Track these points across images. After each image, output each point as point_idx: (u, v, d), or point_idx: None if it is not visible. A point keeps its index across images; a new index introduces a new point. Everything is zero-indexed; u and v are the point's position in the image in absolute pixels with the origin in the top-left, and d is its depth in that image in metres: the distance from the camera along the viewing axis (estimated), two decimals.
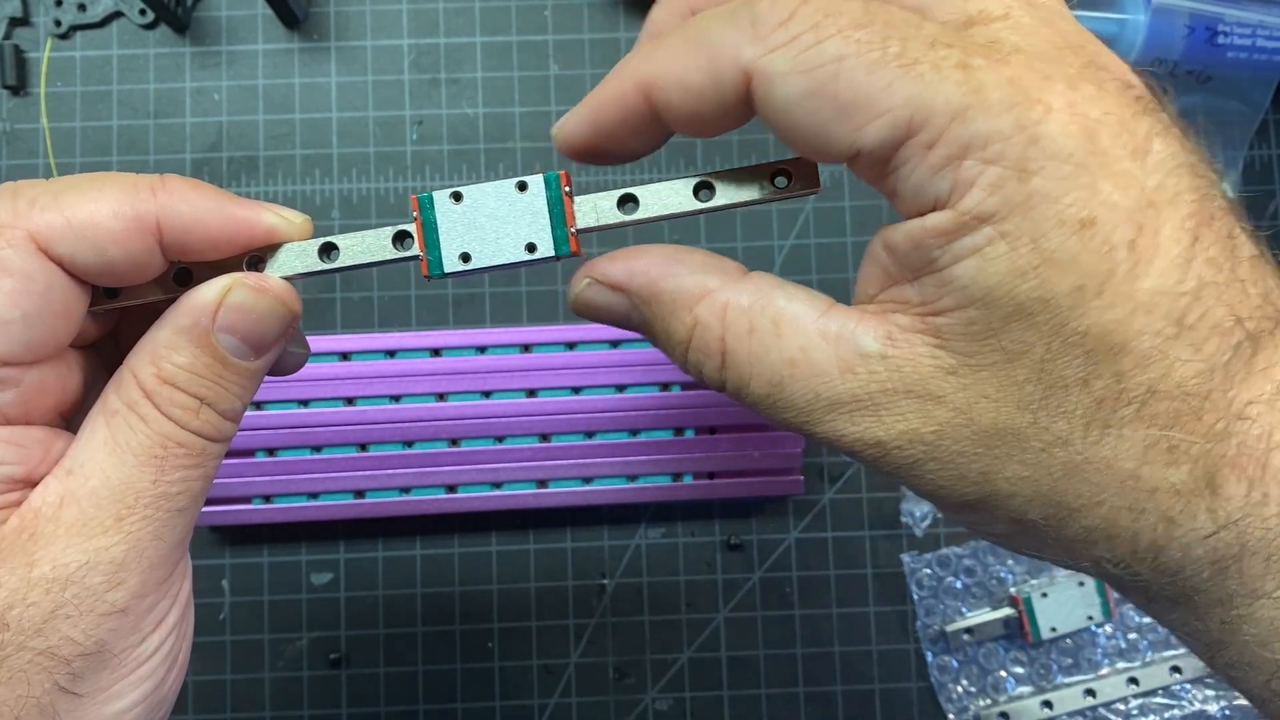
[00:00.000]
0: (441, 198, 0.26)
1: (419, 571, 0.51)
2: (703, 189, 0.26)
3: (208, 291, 0.25)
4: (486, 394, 0.49)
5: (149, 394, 0.24)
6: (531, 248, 0.26)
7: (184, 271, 0.27)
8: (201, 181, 0.26)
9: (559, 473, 0.50)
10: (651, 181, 0.26)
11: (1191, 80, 0.53)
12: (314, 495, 0.49)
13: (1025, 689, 0.51)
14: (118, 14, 0.53)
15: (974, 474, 0.22)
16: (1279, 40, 0.51)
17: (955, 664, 0.51)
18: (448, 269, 0.26)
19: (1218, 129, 0.54)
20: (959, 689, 0.51)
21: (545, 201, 0.26)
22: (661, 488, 0.50)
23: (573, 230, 0.26)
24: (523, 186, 0.26)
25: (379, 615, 0.51)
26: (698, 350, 0.24)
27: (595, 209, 0.26)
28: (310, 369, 0.49)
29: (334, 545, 0.51)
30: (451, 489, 0.49)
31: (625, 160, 0.27)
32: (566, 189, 0.26)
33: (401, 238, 0.26)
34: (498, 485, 0.50)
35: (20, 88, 0.53)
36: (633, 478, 0.50)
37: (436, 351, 0.50)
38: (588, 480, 0.50)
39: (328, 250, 0.27)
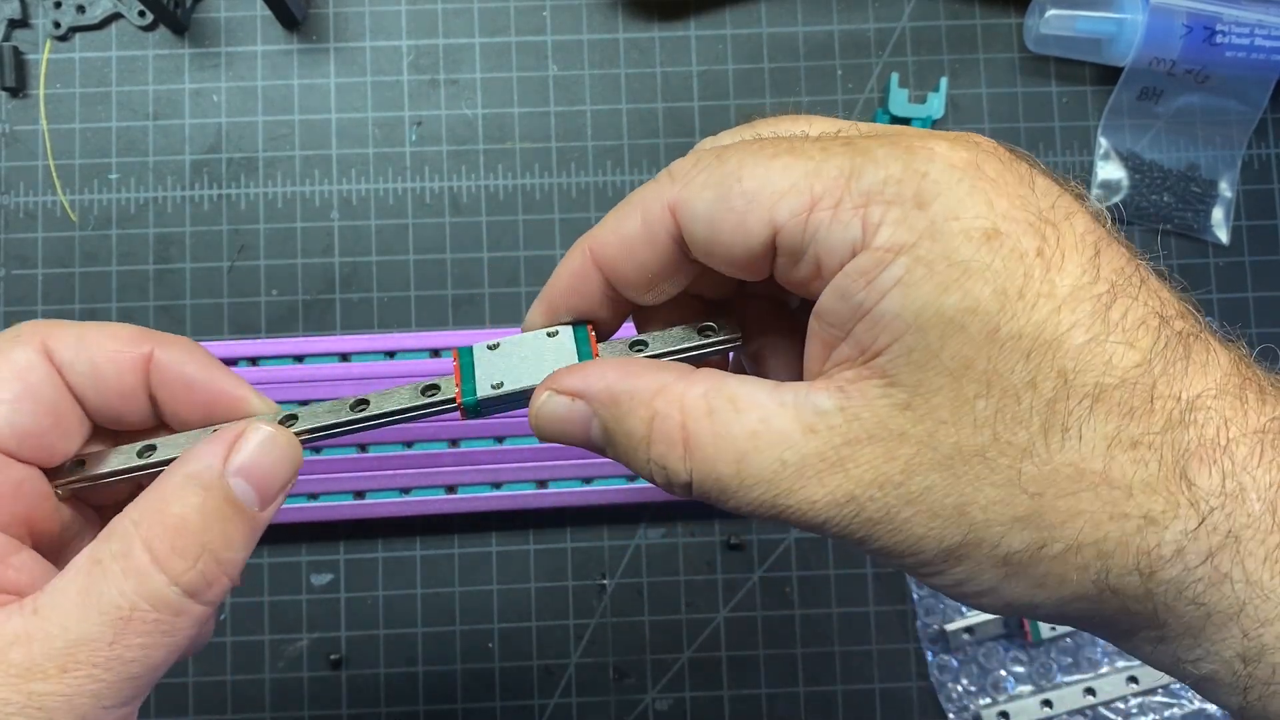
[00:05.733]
0: (479, 348, 0.29)
1: (419, 572, 0.51)
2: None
3: (223, 435, 0.26)
4: None
5: (147, 541, 0.24)
6: None
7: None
8: (202, 346, 0.29)
9: (559, 473, 0.50)
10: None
11: (1190, 80, 0.53)
12: (314, 496, 0.49)
13: (1025, 688, 0.51)
14: (117, 16, 0.53)
15: (948, 510, 0.22)
16: (1277, 40, 0.51)
17: (955, 663, 0.51)
18: (480, 395, 0.28)
19: (1216, 128, 0.54)
20: (959, 688, 0.51)
21: (573, 340, 0.28)
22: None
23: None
24: (553, 334, 0.28)
25: (379, 616, 0.51)
26: (659, 442, 0.24)
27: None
28: (310, 369, 0.49)
29: (334, 546, 0.51)
30: (451, 489, 0.49)
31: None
32: (592, 332, 0.28)
33: (289, 419, 0.28)
34: (498, 485, 0.50)
35: (19, 89, 0.53)
36: (633, 478, 0.50)
37: (436, 352, 0.50)
38: (588, 480, 0.50)
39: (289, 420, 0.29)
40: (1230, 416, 0.21)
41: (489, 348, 0.28)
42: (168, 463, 0.27)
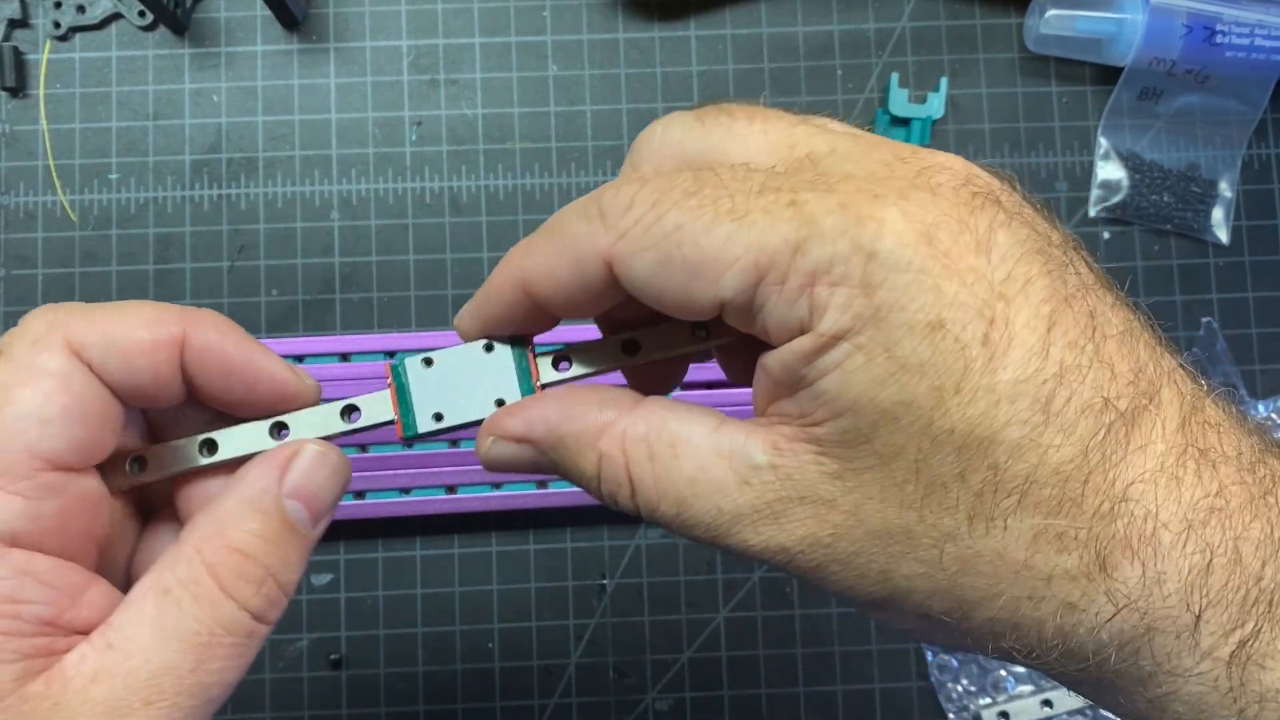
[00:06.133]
0: (413, 363, 0.28)
1: (419, 572, 0.51)
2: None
3: (275, 457, 0.26)
4: None
5: (211, 568, 0.25)
6: (501, 403, 0.27)
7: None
8: (232, 321, 0.28)
9: None
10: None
11: (1190, 80, 0.53)
12: None
13: (1025, 688, 0.51)
14: (117, 16, 0.53)
15: (874, 573, 0.23)
16: (1277, 39, 0.51)
17: (955, 663, 0.51)
18: (421, 429, 0.28)
19: (1216, 128, 0.54)
20: (959, 688, 0.51)
21: (513, 364, 0.28)
22: None
23: (538, 385, 0.28)
24: (489, 348, 0.28)
25: (379, 616, 0.51)
26: (608, 482, 0.25)
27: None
28: (310, 370, 0.49)
29: (334, 546, 0.51)
30: (451, 489, 0.49)
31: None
32: (531, 351, 0.28)
33: (349, 411, 0.28)
34: (498, 485, 0.50)
35: (19, 89, 0.53)
36: None
37: None
38: None
39: (278, 429, 0.28)
40: (1162, 500, 0.21)
41: (424, 362, 0.28)
42: (233, 461, 0.27)
